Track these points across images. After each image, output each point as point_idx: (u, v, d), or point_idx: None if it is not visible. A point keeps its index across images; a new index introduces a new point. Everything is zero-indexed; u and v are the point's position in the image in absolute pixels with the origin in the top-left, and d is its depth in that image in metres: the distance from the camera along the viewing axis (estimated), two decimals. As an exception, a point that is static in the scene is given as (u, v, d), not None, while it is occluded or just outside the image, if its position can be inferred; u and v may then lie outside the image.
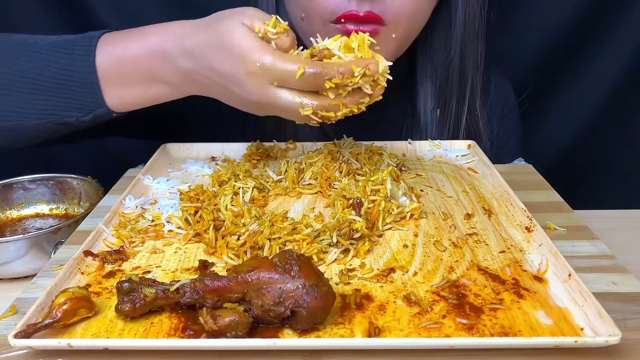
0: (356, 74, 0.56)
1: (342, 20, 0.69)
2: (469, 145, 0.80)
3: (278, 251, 0.54)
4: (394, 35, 0.72)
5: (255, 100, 0.59)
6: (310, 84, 0.57)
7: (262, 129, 0.87)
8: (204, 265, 0.52)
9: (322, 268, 0.53)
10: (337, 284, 0.51)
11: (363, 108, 0.61)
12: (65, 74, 0.65)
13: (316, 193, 0.68)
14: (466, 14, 0.81)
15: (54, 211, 0.78)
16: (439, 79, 0.86)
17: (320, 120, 0.60)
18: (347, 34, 0.62)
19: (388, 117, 0.89)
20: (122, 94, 0.66)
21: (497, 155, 0.87)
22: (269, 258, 0.46)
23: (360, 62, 0.57)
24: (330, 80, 0.56)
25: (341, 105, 0.59)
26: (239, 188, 0.65)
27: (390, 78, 0.60)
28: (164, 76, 0.64)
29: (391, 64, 0.59)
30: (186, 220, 0.60)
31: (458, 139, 0.85)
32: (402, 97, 0.89)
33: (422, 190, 0.69)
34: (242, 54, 0.57)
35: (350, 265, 0.53)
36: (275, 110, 0.61)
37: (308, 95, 0.58)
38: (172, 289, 0.46)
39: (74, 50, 0.65)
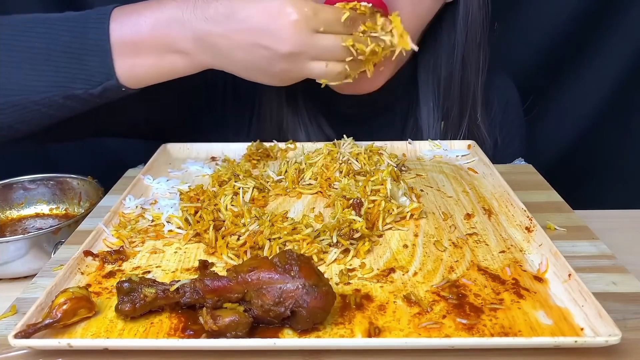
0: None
1: None
2: (469, 146, 0.80)
3: (278, 251, 0.54)
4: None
5: (290, 51, 0.60)
6: (351, 29, 0.62)
7: (262, 130, 0.87)
8: (204, 265, 0.52)
9: (322, 268, 0.53)
10: (337, 284, 0.51)
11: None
12: (77, 41, 0.63)
13: (316, 193, 0.68)
14: (468, 22, 0.81)
15: (54, 211, 0.78)
16: (441, 88, 0.85)
17: (349, 77, 0.66)
18: None
19: (389, 124, 0.89)
20: (133, 64, 0.64)
21: (500, 157, 0.87)
22: (269, 258, 0.46)
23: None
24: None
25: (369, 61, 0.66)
26: (239, 188, 0.65)
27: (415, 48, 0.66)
28: (179, 44, 0.63)
29: (416, 48, 0.67)
30: (186, 220, 0.60)
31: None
32: (404, 105, 0.89)
33: (422, 190, 0.69)
34: (282, 1, 0.59)
35: (350, 265, 0.53)
36: (307, 67, 0.62)
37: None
38: (172, 289, 0.46)
39: (88, 19, 0.64)
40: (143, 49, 0.63)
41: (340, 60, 0.63)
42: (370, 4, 0.65)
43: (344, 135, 0.76)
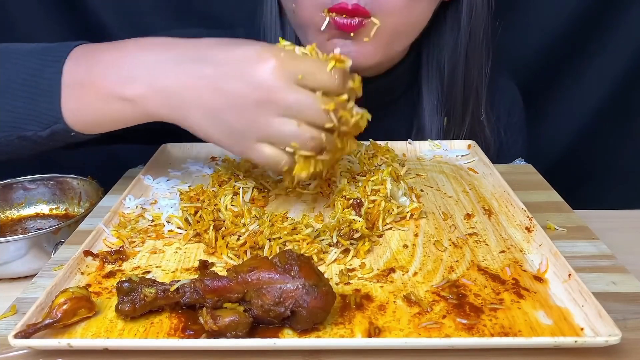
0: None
1: (332, 11, 0.69)
2: (469, 146, 0.80)
3: (278, 251, 0.54)
4: (379, 27, 0.71)
5: (259, 98, 0.52)
6: (337, 83, 0.53)
7: None
8: (204, 265, 0.52)
9: (322, 268, 0.53)
10: (337, 284, 0.51)
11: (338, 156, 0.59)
12: (33, 80, 0.59)
13: (316, 193, 0.68)
14: (472, 20, 0.81)
15: (54, 211, 0.78)
16: (445, 86, 0.85)
17: (324, 153, 0.56)
18: (337, 25, 0.69)
19: (391, 123, 0.89)
20: (78, 107, 0.59)
21: (504, 158, 0.87)
22: (269, 258, 0.46)
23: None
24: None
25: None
26: (239, 188, 0.65)
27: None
28: (127, 90, 0.57)
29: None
30: (186, 220, 0.60)
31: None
32: (407, 104, 0.89)
33: (422, 190, 0.69)
34: (261, 46, 0.53)
35: (350, 265, 0.53)
36: (276, 122, 0.53)
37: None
38: (172, 289, 0.46)
39: (48, 55, 0.60)
40: (89, 92, 0.58)
41: (316, 126, 0.54)
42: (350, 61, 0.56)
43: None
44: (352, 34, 0.71)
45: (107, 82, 0.57)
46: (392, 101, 0.88)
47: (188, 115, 0.56)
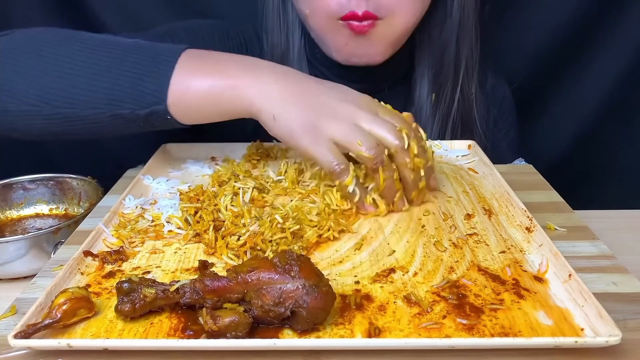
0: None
1: (345, 19, 0.76)
2: (469, 146, 0.80)
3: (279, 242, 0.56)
4: (389, 27, 0.77)
5: (349, 108, 0.61)
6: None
7: (263, 130, 0.87)
8: (204, 266, 0.52)
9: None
10: (335, 279, 0.50)
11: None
12: (139, 66, 0.63)
13: (316, 194, 0.67)
14: (462, 4, 0.84)
15: (54, 211, 0.78)
16: (435, 66, 0.88)
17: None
18: (352, 29, 0.75)
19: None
20: (185, 92, 0.63)
21: (494, 150, 0.88)
22: (269, 258, 0.46)
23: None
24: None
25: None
26: (239, 188, 0.65)
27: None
28: (236, 88, 0.63)
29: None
30: (186, 220, 0.60)
31: (450, 124, 0.87)
32: (403, 90, 0.91)
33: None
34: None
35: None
36: (337, 125, 0.61)
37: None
38: (172, 289, 0.46)
39: (159, 53, 0.64)
40: (201, 110, 0.64)
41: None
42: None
43: None
44: (365, 35, 0.76)
45: (219, 99, 0.63)
46: (388, 88, 0.89)
47: (281, 112, 0.62)
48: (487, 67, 0.93)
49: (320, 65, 0.88)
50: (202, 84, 0.63)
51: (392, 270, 0.52)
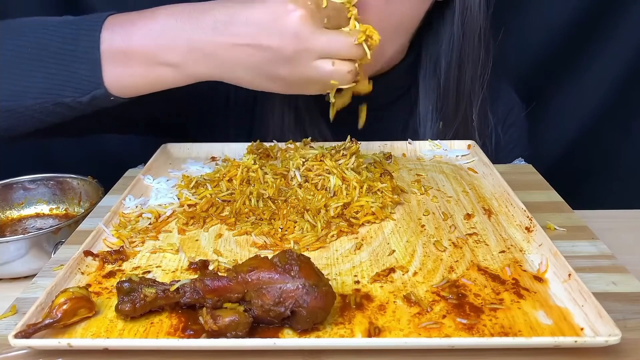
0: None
1: None
2: (469, 146, 0.80)
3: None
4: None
5: (295, 49, 0.59)
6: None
7: (263, 130, 0.87)
8: (204, 265, 0.52)
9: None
10: (337, 276, 0.51)
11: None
12: (68, 48, 0.62)
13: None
14: (465, 19, 0.81)
15: (54, 211, 0.78)
16: (440, 89, 0.85)
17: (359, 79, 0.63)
18: None
19: (389, 124, 0.89)
20: (122, 73, 0.63)
21: (502, 159, 0.87)
22: (269, 258, 0.46)
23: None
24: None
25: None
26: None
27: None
28: (168, 55, 0.62)
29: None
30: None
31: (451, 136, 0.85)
32: (404, 106, 0.89)
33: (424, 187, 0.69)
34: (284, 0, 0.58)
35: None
36: (313, 66, 0.60)
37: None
38: (172, 289, 0.46)
39: (81, 26, 0.63)
40: (132, 59, 0.62)
41: (348, 59, 0.61)
42: None
43: (349, 136, 0.76)
44: None
45: (148, 50, 0.62)
46: (390, 103, 0.88)
47: (231, 72, 0.62)
48: (496, 78, 0.89)
49: None
50: (136, 67, 0.62)
51: (392, 269, 0.52)
